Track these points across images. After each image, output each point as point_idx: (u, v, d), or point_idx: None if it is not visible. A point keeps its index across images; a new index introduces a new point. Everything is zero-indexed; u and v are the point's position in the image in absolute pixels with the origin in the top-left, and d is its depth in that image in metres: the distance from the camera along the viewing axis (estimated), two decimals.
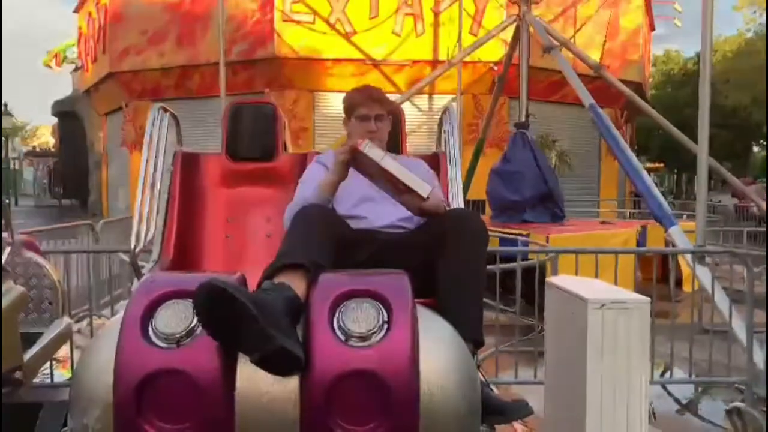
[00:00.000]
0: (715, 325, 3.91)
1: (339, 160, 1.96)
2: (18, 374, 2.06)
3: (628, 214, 12.46)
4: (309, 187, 2.09)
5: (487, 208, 8.62)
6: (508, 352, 3.91)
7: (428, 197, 1.84)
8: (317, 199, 1.99)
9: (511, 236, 6.09)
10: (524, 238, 5.98)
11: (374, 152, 1.84)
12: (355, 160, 1.93)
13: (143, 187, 2.17)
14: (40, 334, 2.39)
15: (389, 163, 1.83)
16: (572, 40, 12.08)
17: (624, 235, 6.35)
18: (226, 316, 1.32)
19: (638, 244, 6.37)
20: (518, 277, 3.65)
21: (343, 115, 2.29)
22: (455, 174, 2.21)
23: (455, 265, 1.80)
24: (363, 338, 1.42)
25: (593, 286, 2.46)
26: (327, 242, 1.74)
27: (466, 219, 1.88)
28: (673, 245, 4.63)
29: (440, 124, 2.47)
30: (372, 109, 2.19)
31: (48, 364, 3.36)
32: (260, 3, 12.11)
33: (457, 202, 2.15)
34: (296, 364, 1.37)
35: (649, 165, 27.07)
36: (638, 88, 14.46)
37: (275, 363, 1.35)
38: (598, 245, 5.20)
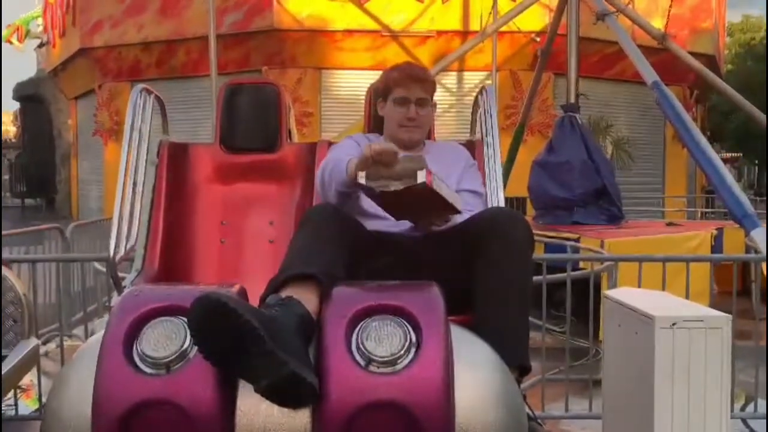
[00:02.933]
0: None
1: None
2: None
3: (699, 213, 12.34)
4: (342, 153, 2.05)
5: (530, 207, 8.58)
6: (556, 380, 3.90)
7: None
8: (343, 182, 1.93)
9: (558, 241, 6.06)
10: (574, 243, 5.94)
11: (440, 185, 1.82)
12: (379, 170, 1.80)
13: (123, 184, 2.20)
14: (2, 359, 2.42)
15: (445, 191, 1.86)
16: (631, 5, 12.03)
17: (696, 239, 6.29)
18: (228, 335, 1.33)
19: (713, 250, 6.32)
20: (568, 291, 3.64)
21: (379, 96, 2.29)
22: (494, 166, 2.21)
23: (495, 275, 1.80)
24: (387, 363, 1.43)
25: (661, 301, 2.44)
26: (341, 248, 1.75)
27: (507, 220, 1.89)
28: (757, 251, 4.57)
29: (475, 106, 2.47)
30: (412, 92, 2.20)
31: (12, 392, 3.41)
32: None
33: (497, 199, 2.15)
34: (310, 394, 1.37)
35: (725, 155, 26.78)
36: (711, 61, 14.31)
37: (286, 392, 1.37)
38: (664, 251, 5.15)
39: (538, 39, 11.44)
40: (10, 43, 20.75)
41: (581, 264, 5.06)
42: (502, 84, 12.14)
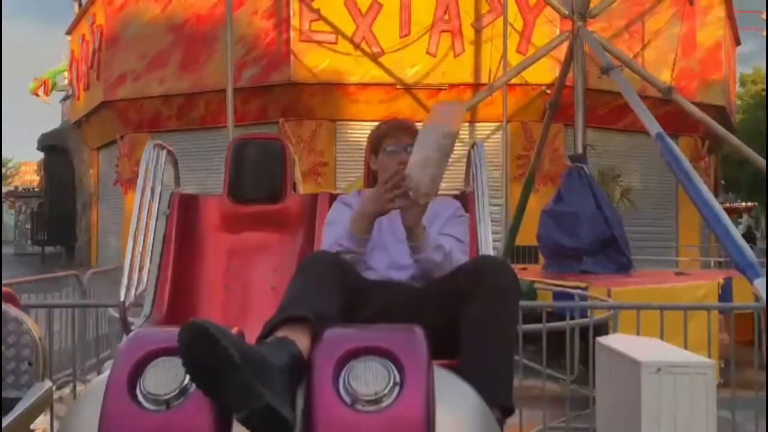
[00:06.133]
0: None
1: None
2: None
3: (712, 263, 12.29)
4: (339, 228, 2.22)
5: (541, 257, 8.66)
6: (558, 428, 3.92)
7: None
8: (352, 241, 2.12)
9: (565, 289, 6.11)
10: (582, 292, 5.99)
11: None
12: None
13: (135, 234, 2.33)
14: (16, 400, 2.52)
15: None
16: (639, 58, 12.24)
17: (703, 288, 6.31)
18: (209, 362, 1.42)
19: (721, 300, 6.32)
20: (567, 339, 3.69)
21: (371, 153, 2.44)
22: (484, 217, 2.31)
23: (480, 320, 1.88)
24: (371, 401, 1.50)
25: (650, 347, 2.51)
26: (335, 294, 1.85)
27: (493, 268, 1.98)
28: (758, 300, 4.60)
29: (468, 161, 2.59)
30: (401, 140, 2.33)
31: None
32: (275, 21, 12.57)
33: (487, 248, 2.25)
34: (285, 428, 1.45)
35: (741, 204, 26.67)
36: (721, 112, 14.43)
37: (262, 424, 1.44)
38: (670, 300, 5.19)
39: (548, 91, 11.64)
40: (37, 95, 21.36)
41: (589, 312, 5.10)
42: (513, 135, 12.31)
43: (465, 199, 2.50)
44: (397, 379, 1.54)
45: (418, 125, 2.23)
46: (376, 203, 2.09)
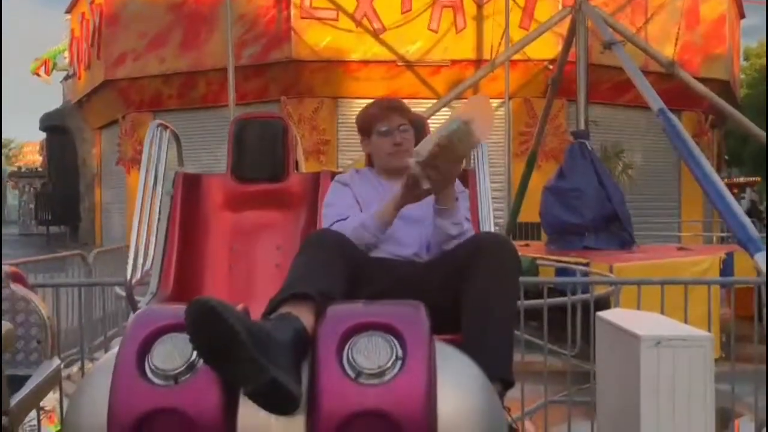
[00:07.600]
0: None
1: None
2: (4, 420, 2.24)
3: (714, 238, 12.32)
4: (339, 211, 2.23)
5: (543, 233, 8.69)
6: (560, 402, 3.96)
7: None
8: (375, 224, 2.13)
9: (567, 265, 6.15)
10: (584, 268, 6.03)
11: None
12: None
13: (140, 213, 2.36)
14: (26, 378, 2.57)
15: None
16: (642, 32, 12.17)
17: (704, 263, 6.33)
18: (216, 338, 1.46)
19: (723, 274, 6.35)
20: (569, 314, 3.73)
21: (362, 136, 2.45)
22: (485, 194, 2.34)
23: (480, 296, 1.92)
24: (374, 375, 1.54)
25: (649, 321, 2.55)
26: (338, 271, 1.89)
27: (494, 244, 2.01)
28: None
29: None
30: (393, 121, 2.34)
31: (35, 414, 3.55)
32: None
33: (488, 224, 2.28)
34: (291, 402, 1.50)
35: (743, 179, 26.64)
36: (725, 87, 14.37)
37: (268, 398, 1.49)
38: (672, 275, 5.22)
39: (551, 66, 11.59)
40: (38, 75, 21.31)
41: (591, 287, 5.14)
42: (516, 111, 12.30)
43: (465, 176, 2.53)
44: (400, 354, 1.57)
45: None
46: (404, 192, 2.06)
